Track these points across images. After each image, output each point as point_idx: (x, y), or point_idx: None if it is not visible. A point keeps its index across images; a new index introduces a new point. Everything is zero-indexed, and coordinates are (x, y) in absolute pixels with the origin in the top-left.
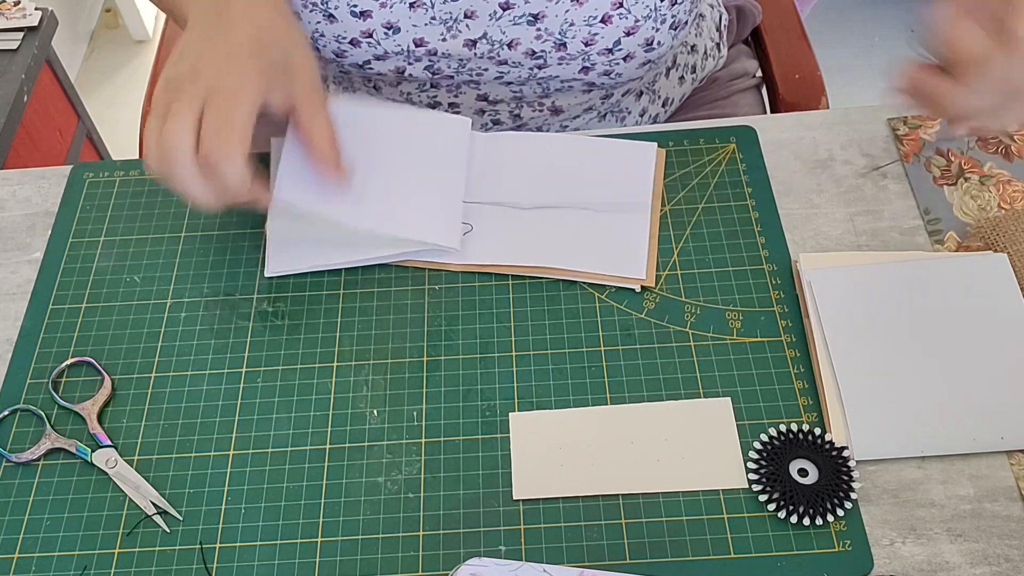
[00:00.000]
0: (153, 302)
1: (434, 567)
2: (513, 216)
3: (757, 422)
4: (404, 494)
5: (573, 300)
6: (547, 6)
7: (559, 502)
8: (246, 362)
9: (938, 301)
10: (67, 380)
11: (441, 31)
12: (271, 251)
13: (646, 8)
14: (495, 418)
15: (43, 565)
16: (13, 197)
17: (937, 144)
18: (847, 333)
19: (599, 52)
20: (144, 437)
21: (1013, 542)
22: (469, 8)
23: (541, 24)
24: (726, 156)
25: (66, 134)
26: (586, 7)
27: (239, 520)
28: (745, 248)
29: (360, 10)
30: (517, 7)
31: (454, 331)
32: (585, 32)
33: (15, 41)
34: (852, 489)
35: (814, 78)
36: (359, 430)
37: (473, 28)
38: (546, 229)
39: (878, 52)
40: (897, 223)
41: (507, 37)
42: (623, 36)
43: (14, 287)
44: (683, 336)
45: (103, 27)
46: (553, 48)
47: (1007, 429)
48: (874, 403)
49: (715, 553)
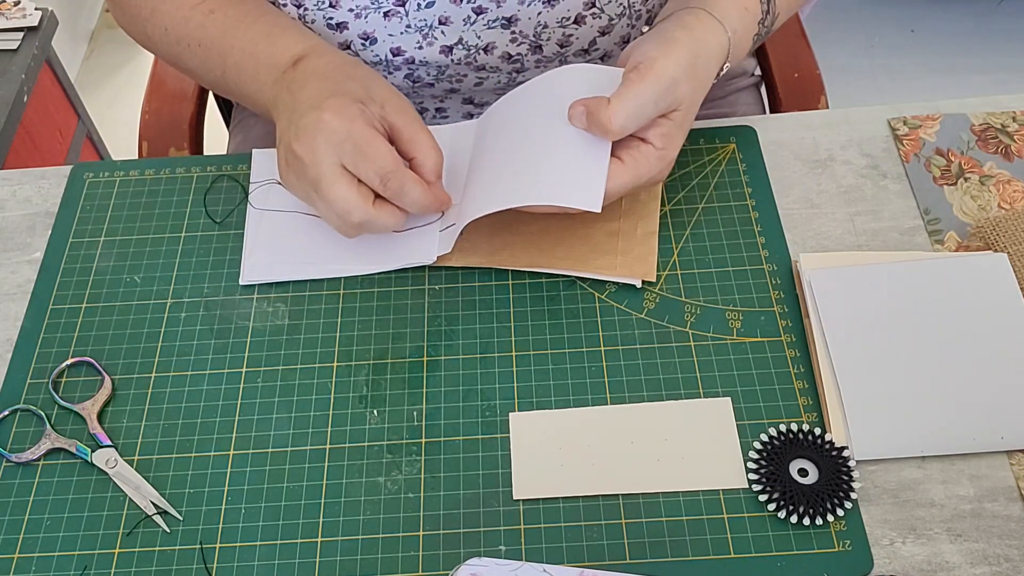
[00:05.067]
0: (153, 302)
1: (434, 567)
2: (484, 173)
3: (757, 422)
4: (404, 494)
5: (573, 300)
6: (519, 9)
7: (559, 502)
8: (246, 362)
9: (938, 301)
10: (67, 380)
11: (417, 39)
12: (246, 259)
13: (619, 6)
14: (495, 418)
15: (43, 565)
16: (13, 197)
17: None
18: (847, 333)
19: (575, 53)
20: (144, 437)
21: (1013, 542)
22: (443, 15)
23: (515, 27)
24: (726, 156)
25: (66, 134)
26: (558, 8)
27: (239, 520)
28: (745, 248)
29: (336, 22)
30: (490, 11)
31: (454, 331)
32: (559, 34)
33: (15, 41)
34: (852, 489)
35: (813, 77)
36: (359, 430)
37: (448, 34)
38: (508, 167)
39: (878, 52)
40: (897, 223)
41: (482, 41)
42: (598, 36)
43: (14, 287)
44: (683, 336)
45: (103, 27)
46: (529, 51)
47: (1007, 429)
48: (874, 403)
49: (715, 553)
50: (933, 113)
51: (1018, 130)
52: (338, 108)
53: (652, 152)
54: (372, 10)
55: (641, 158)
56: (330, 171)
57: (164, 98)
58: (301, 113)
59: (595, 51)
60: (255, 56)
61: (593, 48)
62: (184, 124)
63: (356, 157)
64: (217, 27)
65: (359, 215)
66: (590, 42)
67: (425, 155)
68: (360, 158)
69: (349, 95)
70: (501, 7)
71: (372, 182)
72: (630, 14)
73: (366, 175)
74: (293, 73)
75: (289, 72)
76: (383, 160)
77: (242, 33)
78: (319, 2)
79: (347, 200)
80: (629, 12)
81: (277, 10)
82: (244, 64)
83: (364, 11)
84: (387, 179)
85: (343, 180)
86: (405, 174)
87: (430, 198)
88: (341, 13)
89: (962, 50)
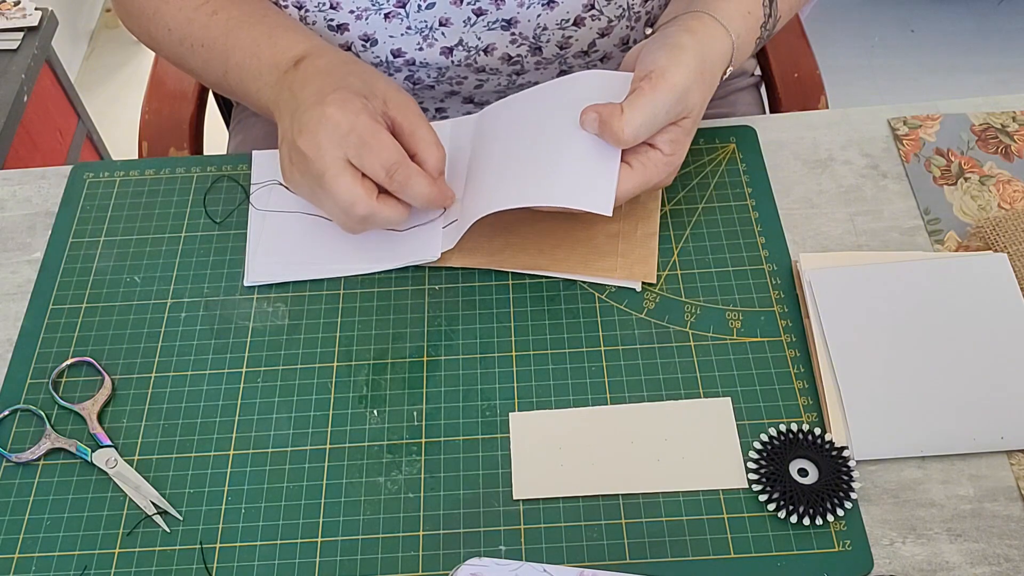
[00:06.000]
0: (153, 302)
1: (434, 567)
2: (487, 172)
3: (757, 422)
4: (404, 494)
5: (573, 300)
6: (519, 11)
7: (559, 502)
8: (246, 362)
9: (938, 301)
10: (67, 380)
11: (417, 40)
12: (250, 260)
13: (618, 8)
14: (495, 418)
15: (43, 565)
16: (13, 197)
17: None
18: (847, 333)
19: (575, 55)
20: (144, 437)
21: (1013, 542)
22: (443, 16)
23: (515, 29)
24: (726, 156)
25: (66, 134)
26: (557, 11)
27: (239, 520)
28: (745, 248)
29: (336, 24)
30: (490, 13)
31: (454, 331)
32: (559, 36)
33: (15, 41)
34: (852, 489)
35: (813, 77)
36: (359, 430)
37: (448, 35)
38: (516, 167)
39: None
40: (897, 223)
41: (483, 43)
42: (597, 37)
43: (14, 287)
44: (683, 336)
45: (103, 27)
46: (529, 52)
47: (1007, 429)
48: (874, 403)
49: (715, 553)
50: (933, 113)
51: (1018, 130)
52: (341, 102)
53: (660, 158)
54: (372, 12)
55: (649, 164)
56: (334, 164)
57: (164, 98)
58: (304, 109)
59: (594, 53)
60: (257, 56)
61: (592, 50)
62: (184, 124)
63: (361, 150)
64: (220, 28)
65: (363, 208)
66: (589, 44)
67: (427, 151)
68: (365, 151)
69: (352, 90)
70: (501, 9)
71: (377, 175)
72: (629, 16)
73: (371, 168)
74: (295, 73)
75: (291, 72)
76: (388, 153)
77: (244, 34)
78: (320, 4)
79: (351, 193)
80: (628, 14)
81: (279, 11)
82: (246, 64)
83: (365, 13)
84: (393, 171)
85: (347, 173)
86: (411, 167)
87: (435, 192)
88: (342, 15)
89: (962, 50)
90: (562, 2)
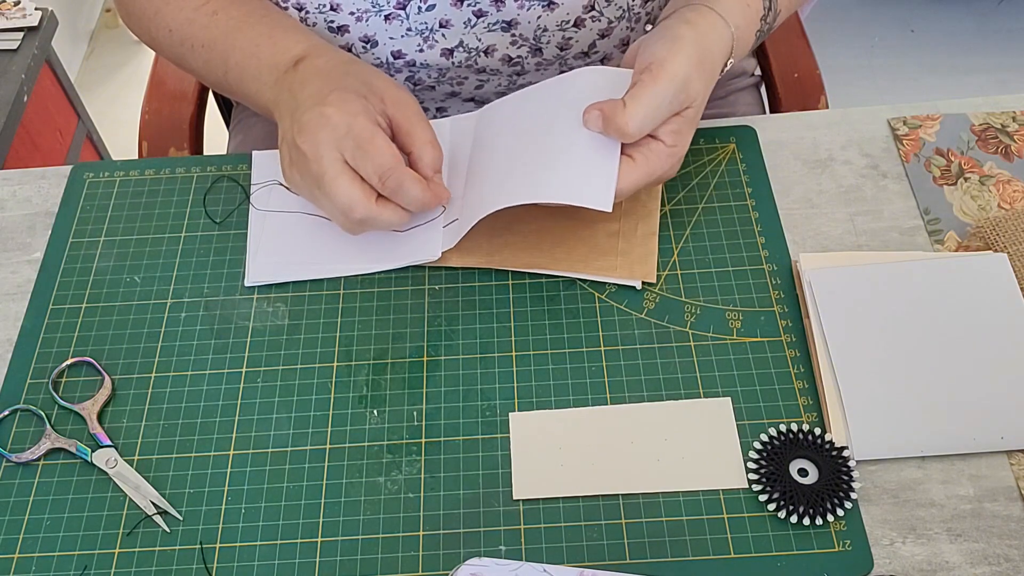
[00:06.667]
0: (153, 302)
1: (434, 567)
2: (488, 169)
3: (757, 422)
4: (404, 494)
5: (573, 300)
6: (519, 13)
7: (559, 502)
8: (246, 362)
9: (938, 301)
10: (67, 380)
11: (418, 42)
12: (250, 260)
13: (618, 9)
14: (495, 418)
15: (43, 565)
16: (13, 197)
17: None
18: (847, 333)
19: (575, 56)
20: (144, 437)
21: (1013, 542)
22: (444, 17)
23: (515, 30)
24: (726, 156)
25: (66, 134)
26: (557, 12)
27: (239, 520)
28: (745, 248)
29: (337, 25)
30: (490, 15)
31: (454, 331)
32: (559, 37)
33: (15, 41)
34: (852, 489)
35: (813, 77)
36: (359, 430)
37: (449, 37)
38: (516, 165)
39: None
40: (897, 223)
41: (483, 44)
42: (597, 39)
43: (14, 287)
44: (683, 336)
45: (103, 27)
46: (529, 54)
47: (1007, 429)
48: (874, 403)
49: (715, 553)
50: (933, 113)
51: (1018, 130)
52: (341, 103)
53: (663, 149)
54: (373, 13)
55: (652, 155)
56: (332, 166)
57: (164, 98)
58: (303, 110)
59: (595, 54)
60: (257, 57)
61: (593, 51)
62: (184, 124)
63: (356, 153)
64: (220, 28)
65: (361, 211)
66: (589, 45)
67: (422, 149)
68: (360, 154)
69: (351, 90)
70: (501, 10)
71: (371, 179)
72: (629, 17)
73: (366, 172)
74: (294, 73)
75: (290, 72)
76: (382, 158)
77: (244, 34)
78: (320, 5)
79: (349, 196)
80: (628, 15)
81: (279, 11)
82: (246, 65)
83: (365, 14)
84: (385, 177)
85: (345, 175)
86: (403, 172)
87: (428, 196)
88: (342, 16)
89: (962, 50)
90: (562, 3)
